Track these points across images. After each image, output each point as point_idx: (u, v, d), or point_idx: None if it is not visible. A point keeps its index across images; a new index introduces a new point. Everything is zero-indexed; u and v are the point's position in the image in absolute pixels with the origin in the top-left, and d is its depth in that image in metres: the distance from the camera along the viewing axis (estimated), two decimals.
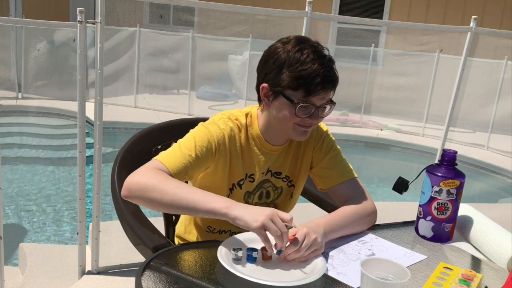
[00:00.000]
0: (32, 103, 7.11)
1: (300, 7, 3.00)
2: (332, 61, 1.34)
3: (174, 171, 1.28)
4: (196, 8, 8.10)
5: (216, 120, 1.41)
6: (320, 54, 1.31)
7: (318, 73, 1.28)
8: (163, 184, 1.21)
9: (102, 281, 2.48)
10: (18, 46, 7.41)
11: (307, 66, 1.28)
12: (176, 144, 1.36)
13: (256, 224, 1.13)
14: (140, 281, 1.05)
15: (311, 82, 1.28)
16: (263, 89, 1.37)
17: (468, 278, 1.13)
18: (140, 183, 1.22)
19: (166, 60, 8.36)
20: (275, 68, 1.32)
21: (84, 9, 2.27)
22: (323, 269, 1.14)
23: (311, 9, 2.84)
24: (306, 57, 1.29)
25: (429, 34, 7.89)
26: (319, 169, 1.51)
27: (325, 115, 1.37)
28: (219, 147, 1.38)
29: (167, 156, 1.32)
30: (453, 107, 3.50)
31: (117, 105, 7.16)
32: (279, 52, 1.32)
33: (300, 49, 1.30)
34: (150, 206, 1.25)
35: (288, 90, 1.31)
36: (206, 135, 1.36)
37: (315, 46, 1.32)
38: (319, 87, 1.28)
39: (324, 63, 1.30)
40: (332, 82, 1.32)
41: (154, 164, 1.29)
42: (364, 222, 1.41)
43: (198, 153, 1.34)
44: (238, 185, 1.46)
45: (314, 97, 1.30)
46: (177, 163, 1.30)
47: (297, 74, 1.29)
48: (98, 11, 2.24)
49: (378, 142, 7.03)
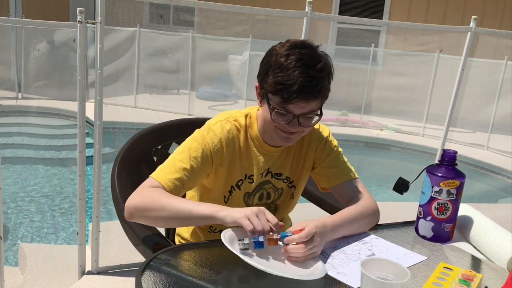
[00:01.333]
0: (32, 103, 7.11)
1: (300, 7, 3.00)
2: (323, 71, 1.29)
3: (169, 187, 1.32)
4: (196, 8, 8.10)
5: (211, 125, 1.41)
6: (306, 62, 1.26)
7: (295, 82, 1.25)
8: (158, 202, 1.27)
9: (102, 281, 2.48)
10: (18, 46, 7.40)
11: (287, 72, 1.26)
12: (172, 158, 1.38)
13: (240, 215, 1.18)
14: (140, 281, 1.05)
15: (288, 89, 1.26)
16: (256, 88, 1.39)
17: (468, 278, 1.13)
18: (138, 206, 1.29)
19: (166, 60, 8.36)
20: (264, 69, 1.33)
21: (84, 9, 2.26)
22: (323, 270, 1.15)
23: (311, 9, 2.84)
24: (289, 63, 1.26)
25: (429, 34, 7.88)
26: (321, 169, 1.52)
27: (309, 125, 1.35)
28: (216, 153, 1.38)
29: (162, 172, 1.34)
30: (453, 107, 3.50)
31: (117, 105, 7.16)
32: (272, 54, 1.32)
33: (288, 55, 1.28)
34: (153, 223, 1.35)
35: (269, 94, 1.31)
36: (200, 144, 1.37)
37: (304, 53, 1.28)
38: (294, 95, 1.26)
39: (306, 72, 1.25)
40: (311, 93, 1.27)
41: (150, 183, 1.33)
42: (368, 222, 1.41)
43: (194, 164, 1.35)
44: (236, 187, 1.46)
45: (290, 105, 1.28)
46: (171, 179, 1.32)
47: (276, 79, 1.27)
48: (98, 11, 2.24)
49: (378, 142, 7.03)
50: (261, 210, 1.19)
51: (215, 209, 1.23)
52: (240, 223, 1.17)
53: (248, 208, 1.20)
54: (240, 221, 1.17)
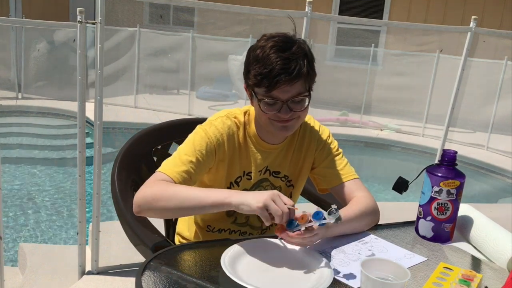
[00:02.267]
0: (32, 103, 7.11)
1: (300, 7, 3.00)
2: (299, 53, 1.30)
3: (177, 179, 1.31)
4: (196, 8, 8.10)
5: (213, 120, 1.43)
6: (281, 47, 1.29)
7: (273, 67, 1.27)
8: (167, 191, 1.26)
9: (102, 281, 2.48)
10: (18, 46, 7.40)
11: (264, 61, 1.29)
12: (176, 152, 1.38)
13: (258, 205, 1.15)
14: (140, 281, 1.05)
15: (267, 76, 1.28)
16: (245, 89, 1.41)
17: (468, 278, 1.13)
18: (146, 197, 1.27)
19: (166, 60, 8.36)
20: (245, 67, 1.36)
21: (84, 9, 2.26)
22: (329, 279, 1.11)
23: (311, 9, 2.84)
24: (264, 52, 1.29)
25: (429, 34, 7.88)
26: (321, 168, 1.52)
27: (301, 108, 1.35)
28: (219, 147, 1.40)
29: (168, 165, 1.35)
30: (453, 107, 3.50)
31: (117, 105, 7.15)
32: (250, 51, 1.36)
33: (262, 46, 1.31)
34: (161, 215, 1.34)
35: (255, 88, 1.34)
36: (204, 138, 1.38)
37: (277, 40, 1.30)
38: (275, 80, 1.27)
39: (281, 56, 1.28)
40: (291, 74, 1.28)
41: (157, 176, 1.33)
42: (368, 221, 1.41)
43: (199, 157, 1.36)
44: (235, 183, 1.47)
45: (275, 91, 1.30)
46: (179, 171, 1.32)
47: (255, 72, 1.30)
48: (98, 11, 2.24)
49: (378, 142, 7.02)
50: (275, 194, 1.18)
51: (227, 195, 1.21)
52: (259, 214, 1.16)
53: (262, 193, 1.19)
54: (259, 213, 1.16)
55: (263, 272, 1.14)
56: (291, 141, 1.50)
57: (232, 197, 1.20)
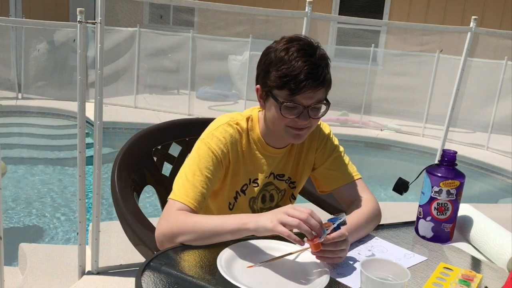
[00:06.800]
0: (32, 103, 7.11)
1: (300, 7, 3.00)
2: (323, 59, 1.30)
3: (193, 205, 1.29)
4: (196, 8, 8.11)
5: (214, 130, 1.39)
6: (307, 52, 1.28)
7: (301, 70, 1.25)
8: (185, 225, 1.23)
9: (102, 281, 2.48)
10: (18, 46, 7.41)
11: (291, 64, 1.26)
12: (183, 175, 1.34)
13: (272, 224, 1.13)
14: (140, 281, 1.05)
15: (294, 79, 1.26)
16: (257, 90, 1.37)
17: (468, 279, 1.13)
18: (166, 233, 1.25)
19: (166, 60, 8.36)
20: (264, 68, 1.33)
21: (84, 9, 2.26)
22: (326, 279, 1.11)
23: (311, 9, 2.84)
24: (291, 55, 1.27)
25: (429, 34, 7.89)
26: (322, 170, 1.51)
27: (318, 116, 1.34)
28: (224, 158, 1.37)
29: (180, 191, 1.31)
30: (453, 107, 3.50)
31: (117, 105, 7.16)
32: (270, 52, 1.32)
33: (287, 48, 1.28)
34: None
35: (275, 90, 1.31)
36: (208, 153, 1.35)
37: (303, 44, 1.29)
38: (302, 84, 1.25)
39: (309, 61, 1.26)
40: (318, 79, 1.27)
41: (173, 206, 1.29)
42: (373, 225, 1.41)
43: (208, 174, 1.33)
44: (241, 192, 1.45)
45: (299, 95, 1.28)
46: (193, 196, 1.30)
47: (280, 73, 1.27)
48: (98, 11, 2.24)
49: (378, 142, 7.03)
50: (285, 207, 1.15)
51: (243, 222, 1.19)
52: (276, 232, 1.13)
53: (274, 212, 1.17)
54: (275, 230, 1.13)
55: (259, 272, 1.14)
56: None
57: (249, 224, 1.17)
